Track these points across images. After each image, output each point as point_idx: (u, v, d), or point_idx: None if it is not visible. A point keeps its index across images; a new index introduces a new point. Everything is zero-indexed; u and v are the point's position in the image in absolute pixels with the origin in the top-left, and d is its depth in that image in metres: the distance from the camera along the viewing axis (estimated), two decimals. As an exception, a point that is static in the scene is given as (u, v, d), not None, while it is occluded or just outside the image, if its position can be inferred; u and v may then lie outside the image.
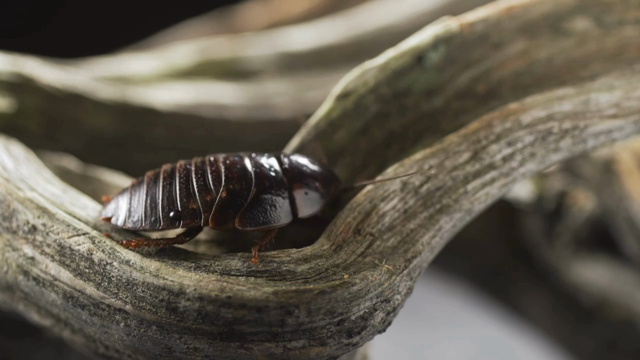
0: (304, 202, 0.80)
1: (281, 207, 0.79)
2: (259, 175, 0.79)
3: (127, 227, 0.79)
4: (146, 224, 0.78)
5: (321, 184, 0.81)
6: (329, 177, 0.82)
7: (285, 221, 0.79)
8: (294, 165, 0.81)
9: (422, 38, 0.87)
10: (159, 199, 0.79)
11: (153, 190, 0.79)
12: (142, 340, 0.76)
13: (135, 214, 0.79)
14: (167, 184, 0.79)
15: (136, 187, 0.80)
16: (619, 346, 1.07)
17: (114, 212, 0.80)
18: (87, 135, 1.00)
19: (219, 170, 0.79)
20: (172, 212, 0.78)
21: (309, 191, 0.80)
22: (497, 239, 1.14)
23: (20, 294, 0.81)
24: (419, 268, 0.79)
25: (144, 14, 1.60)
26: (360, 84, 0.86)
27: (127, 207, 0.79)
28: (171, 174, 0.80)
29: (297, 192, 0.80)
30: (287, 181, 0.80)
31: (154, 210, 0.78)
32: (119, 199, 0.80)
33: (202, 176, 0.79)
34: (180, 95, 1.06)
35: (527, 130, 0.83)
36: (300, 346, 0.75)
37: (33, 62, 1.00)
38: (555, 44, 0.88)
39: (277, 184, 0.79)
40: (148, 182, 0.80)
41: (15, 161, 0.86)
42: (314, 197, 0.81)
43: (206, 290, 0.74)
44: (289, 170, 0.81)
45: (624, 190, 1.02)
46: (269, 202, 0.79)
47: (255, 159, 0.81)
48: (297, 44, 1.15)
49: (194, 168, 0.79)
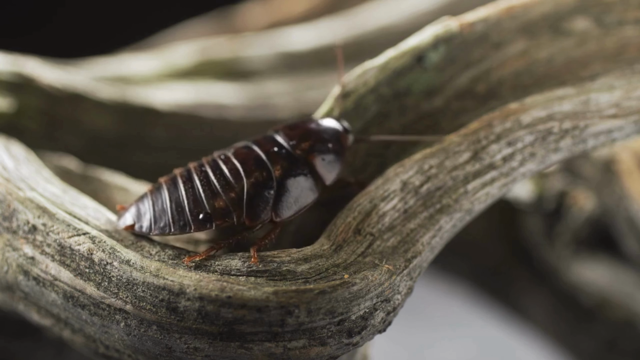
0: (326, 169, 0.80)
1: (307, 182, 0.79)
2: (275, 160, 0.79)
3: (154, 234, 0.78)
4: (175, 228, 0.77)
5: (333, 143, 0.81)
6: (336, 131, 0.81)
7: (316, 195, 0.79)
8: (300, 136, 0.80)
9: (422, 38, 0.87)
10: (185, 203, 0.78)
11: (175, 195, 0.78)
12: (143, 340, 0.76)
13: (161, 220, 0.78)
14: (188, 187, 0.78)
15: (155, 194, 0.79)
16: (619, 346, 1.07)
17: (136, 220, 0.79)
18: (87, 135, 1.00)
19: (236, 167, 0.79)
20: (201, 214, 0.78)
21: (325, 156, 0.80)
22: (497, 239, 1.14)
23: (21, 294, 0.81)
24: (419, 268, 0.79)
25: (144, 14, 1.60)
26: (360, 84, 0.86)
27: (151, 213, 0.78)
28: (189, 177, 0.79)
29: (316, 162, 0.80)
30: (301, 155, 0.80)
31: (181, 215, 0.78)
32: (138, 206, 0.79)
33: (222, 174, 0.78)
34: (181, 95, 1.06)
35: (527, 130, 0.83)
36: (300, 346, 0.75)
37: (33, 62, 1.00)
38: (555, 44, 0.88)
39: (294, 162, 0.79)
40: (168, 187, 0.79)
41: (16, 161, 0.86)
42: (333, 158, 0.80)
43: (206, 290, 0.74)
44: (297, 143, 0.80)
45: (624, 190, 1.03)
46: (295, 183, 0.79)
47: (262, 145, 0.80)
48: (297, 44, 1.15)
49: (210, 168, 0.79)
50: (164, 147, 1.04)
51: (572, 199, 1.07)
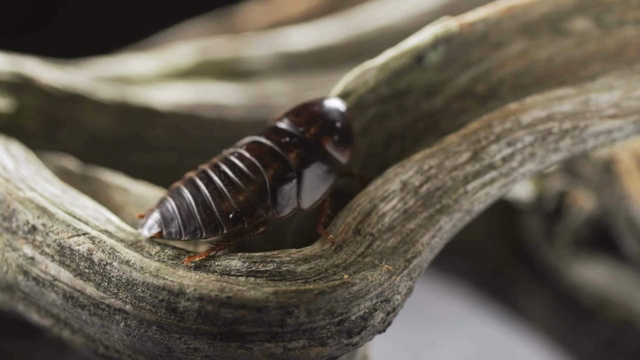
0: (339, 148, 0.80)
1: (325, 165, 0.79)
2: (289, 150, 0.79)
3: (185, 239, 0.77)
4: (207, 231, 0.77)
5: (341, 121, 0.81)
6: (338, 108, 0.81)
7: (335, 176, 0.79)
8: (308, 121, 0.80)
9: (422, 38, 0.87)
10: (212, 204, 0.77)
11: (200, 197, 0.78)
12: (142, 341, 0.76)
13: (190, 225, 0.77)
14: (212, 188, 0.78)
15: (178, 198, 0.78)
16: (619, 346, 1.07)
17: (163, 227, 0.78)
18: (86, 135, 1.00)
19: (253, 162, 0.78)
20: (230, 213, 0.77)
21: (336, 135, 0.80)
22: (497, 239, 1.14)
23: (20, 294, 0.81)
24: (419, 268, 0.79)
25: (144, 14, 1.60)
26: (360, 84, 0.86)
27: (178, 219, 0.78)
28: (209, 178, 0.78)
29: (329, 143, 0.80)
30: (312, 139, 0.80)
31: (211, 217, 0.77)
32: (162, 212, 0.79)
33: (241, 172, 0.78)
34: (180, 95, 1.06)
35: (527, 131, 0.83)
36: (300, 346, 0.75)
37: (33, 62, 1.00)
38: (555, 44, 0.88)
39: (308, 148, 0.79)
40: (190, 190, 0.78)
41: (15, 161, 0.86)
42: (344, 136, 0.80)
43: (206, 290, 0.74)
44: (307, 129, 0.80)
45: (623, 190, 1.03)
46: (314, 169, 0.79)
47: (272, 137, 0.80)
48: (297, 44, 1.15)
49: (227, 167, 0.78)
50: (164, 147, 1.04)
51: (572, 199, 1.07)
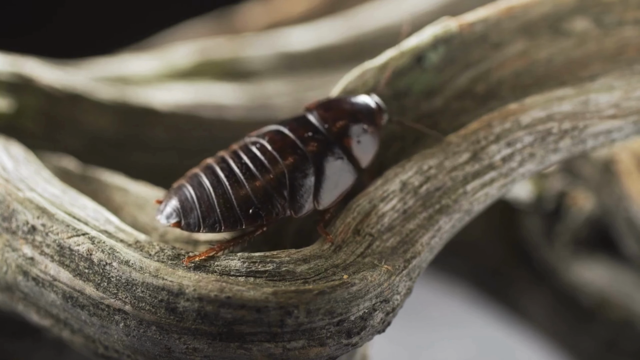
0: (362, 151, 0.80)
1: (344, 167, 0.79)
2: (311, 146, 0.78)
3: (204, 232, 0.77)
4: (226, 226, 0.77)
5: (368, 124, 0.80)
6: (371, 110, 0.81)
7: (354, 178, 0.79)
8: (334, 118, 0.80)
9: (421, 38, 0.87)
10: (232, 198, 0.77)
11: (220, 190, 0.77)
12: (142, 341, 0.76)
13: (209, 218, 0.77)
14: (232, 181, 0.77)
15: (198, 188, 0.77)
16: (619, 346, 1.07)
17: (182, 217, 0.77)
18: (86, 136, 1.00)
19: (274, 156, 0.78)
20: (250, 209, 0.77)
21: (360, 138, 0.80)
22: (497, 239, 1.14)
23: (20, 294, 0.81)
24: (418, 268, 0.79)
25: (144, 15, 1.60)
26: (360, 84, 0.86)
27: (198, 210, 0.77)
28: (230, 169, 0.78)
29: (352, 145, 0.79)
30: (336, 139, 0.79)
31: (231, 211, 0.76)
32: (182, 200, 0.78)
33: (262, 165, 0.77)
34: (180, 96, 1.06)
35: (527, 131, 0.83)
36: (299, 346, 0.75)
37: (32, 63, 1.00)
38: (555, 45, 0.88)
39: (329, 147, 0.79)
40: (210, 180, 0.77)
41: (15, 161, 0.86)
42: (368, 140, 0.80)
43: (205, 290, 0.74)
44: (331, 127, 0.80)
45: (623, 190, 1.03)
46: (333, 169, 0.78)
47: (295, 131, 0.79)
48: (297, 44, 1.15)
49: (248, 158, 0.78)
50: (164, 147, 1.04)
51: (572, 199, 1.07)
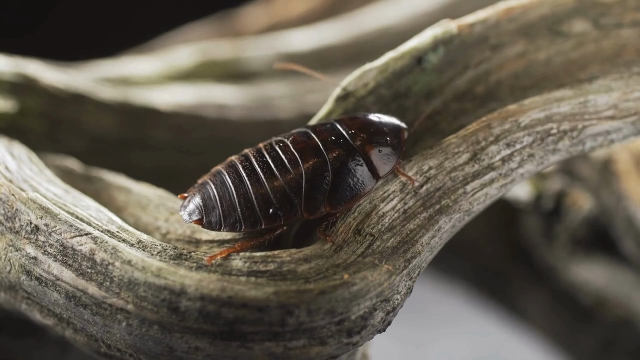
0: (381, 161, 0.80)
1: (362, 174, 0.79)
2: (332, 150, 0.79)
3: (224, 230, 0.78)
4: (246, 225, 0.77)
5: (391, 137, 0.81)
6: (396, 127, 0.81)
7: (370, 187, 0.79)
8: (360, 127, 0.81)
9: (421, 40, 0.87)
10: (253, 198, 0.77)
11: (242, 189, 0.78)
12: (144, 340, 0.76)
13: (230, 217, 0.77)
14: (254, 180, 0.78)
15: (221, 187, 0.78)
16: (617, 346, 1.07)
17: (204, 214, 0.78)
18: (89, 136, 1.00)
19: (295, 157, 0.79)
20: (270, 209, 0.77)
21: (382, 148, 0.80)
22: (496, 239, 1.14)
23: (23, 294, 0.81)
24: (419, 268, 0.79)
25: (146, 17, 1.61)
26: (360, 86, 0.87)
27: (220, 209, 0.78)
28: (252, 169, 0.78)
29: (372, 154, 0.80)
30: (358, 145, 0.80)
31: (251, 211, 0.77)
32: (205, 198, 0.78)
33: (283, 166, 0.78)
34: (182, 97, 1.06)
35: (526, 132, 0.83)
36: (300, 345, 0.75)
37: (35, 64, 1.00)
38: (554, 46, 0.88)
39: (350, 151, 0.79)
40: (232, 179, 0.78)
41: (18, 162, 0.86)
42: (389, 151, 0.80)
43: (207, 290, 0.74)
44: (356, 133, 0.80)
45: (622, 190, 1.03)
46: (350, 174, 0.79)
47: (320, 134, 0.80)
48: (298, 45, 1.15)
49: (271, 158, 0.78)
50: (166, 147, 1.04)
51: (571, 199, 1.07)
